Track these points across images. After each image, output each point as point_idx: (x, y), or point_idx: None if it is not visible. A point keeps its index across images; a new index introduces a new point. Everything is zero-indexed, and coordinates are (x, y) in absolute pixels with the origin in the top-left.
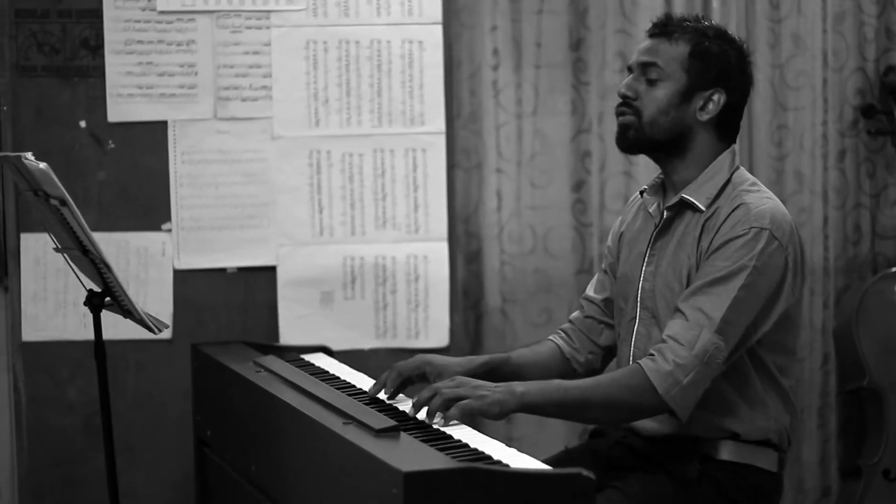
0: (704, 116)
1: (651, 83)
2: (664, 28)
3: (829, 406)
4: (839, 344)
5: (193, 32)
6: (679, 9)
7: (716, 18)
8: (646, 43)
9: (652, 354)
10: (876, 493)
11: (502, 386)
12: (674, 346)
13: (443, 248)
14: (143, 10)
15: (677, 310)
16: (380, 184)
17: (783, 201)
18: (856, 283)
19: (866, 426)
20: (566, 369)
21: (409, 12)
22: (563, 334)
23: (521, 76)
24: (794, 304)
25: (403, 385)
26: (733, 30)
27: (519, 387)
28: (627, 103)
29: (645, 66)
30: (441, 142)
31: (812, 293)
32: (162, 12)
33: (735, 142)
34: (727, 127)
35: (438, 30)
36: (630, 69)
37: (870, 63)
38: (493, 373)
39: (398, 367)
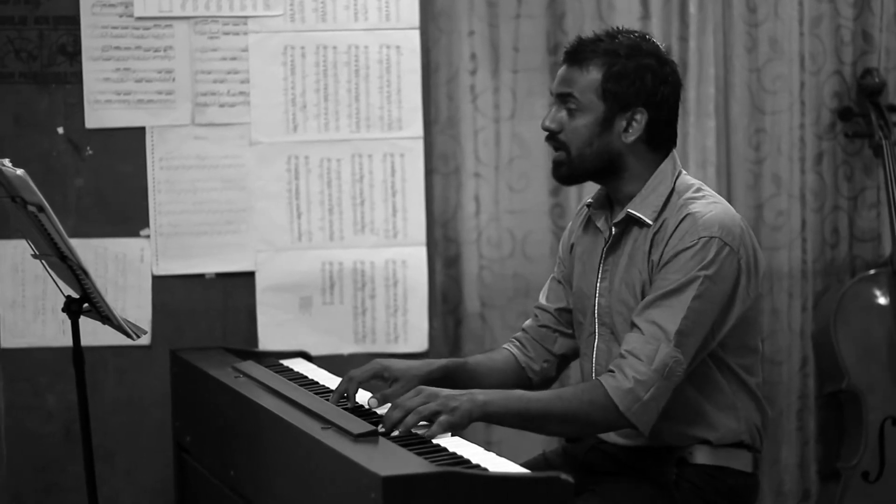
0: (630, 138)
1: (570, 113)
2: (575, 55)
3: (807, 409)
4: (818, 347)
5: (171, 38)
6: (655, 12)
7: (693, 23)
8: (561, 71)
9: (612, 370)
10: (855, 495)
11: (466, 394)
12: (633, 362)
13: (421, 253)
14: (121, 16)
15: (633, 324)
16: (358, 189)
17: (761, 205)
18: (834, 285)
19: (845, 429)
20: (521, 378)
21: (387, 17)
22: (518, 343)
23: (498, 80)
24: (752, 305)
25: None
26: (710, 34)
27: (480, 395)
28: (553, 137)
29: (562, 97)
30: (419, 146)
31: (790, 296)
32: (139, 18)
33: (675, 146)
34: (659, 139)
35: (416, 35)
36: (553, 95)
37: (847, 66)
38: (450, 377)
39: (355, 377)
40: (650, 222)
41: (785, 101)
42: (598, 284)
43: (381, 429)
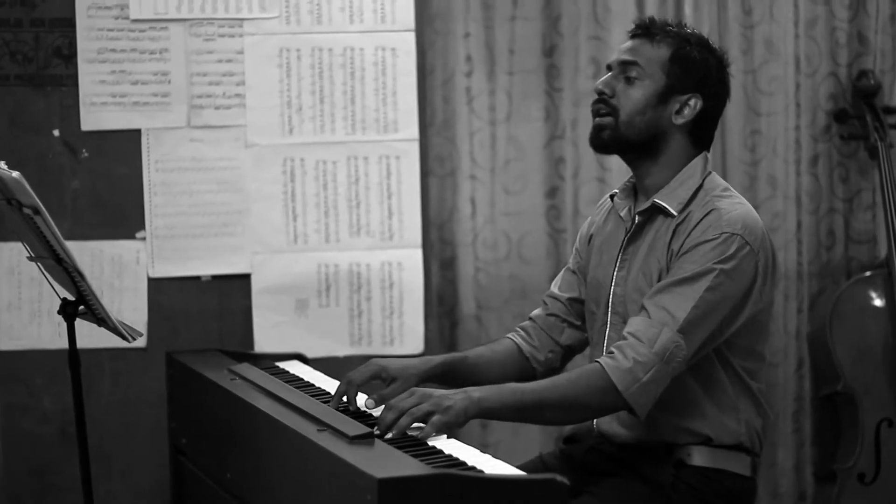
0: (680, 120)
1: (629, 82)
2: (647, 30)
3: (803, 411)
4: (813, 349)
5: (166, 41)
6: (651, 13)
7: (688, 24)
8: (628, 43)
9: (612, 352)
10: (851, 497)
11: (460, 393)
12: (634, 343)
13: (417, 255)
14: (116, 18)
15: (642, 307)
16: (354, 191)
17: (756, 206)
18: (829, 287)
19: (841, 430)
20: (525, 368)
21: (382, 19)
22: (523, 332)
23: (494, 83)
24: (763, 310)
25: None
26: (706, 35)
27: (475, 392)
28: (604, 100)
29: (625, 65)
30: (415, 149)
31: (786, 298)
32: (135, 21)
33: (708, 149)
34: (701, 133)
35: (411, 37)
36: (609, 67)
37: (842, 68)
38: (450, 372)
39: (353, 380)
40: (675, 213)
41: (780, 103)
42: (614, 274)
43: (376, 431)
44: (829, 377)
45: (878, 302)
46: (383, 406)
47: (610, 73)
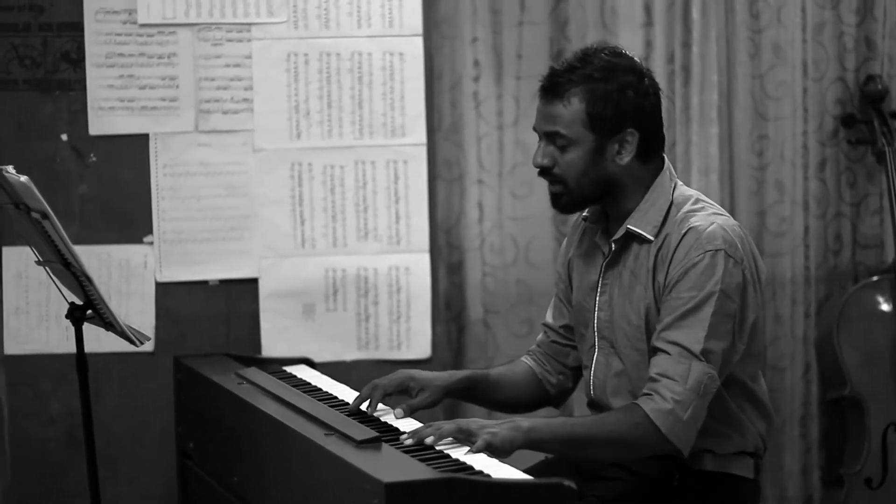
0: (625, 159)
1: (562, 150)
2: (553, 89)
3: (810, 415)
4: (820, 353)
5: (174, 45)
6: (658, 19)
7: (696, 29)
8: (541, 108)
9: (648, 393)
10: (858, 501)
11: (507, 423)
12: (668, 384)
13: (424, 260)
14: (124, 23)
15: (655, 348)
16: (361, 195)
17: (763, 211)
18: (837, 292)
19: (848, 435)
20: (540, 390)
21: (390, 24)
22: (534, 356)
23: (501, 87)
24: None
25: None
26: (713, 40)
27: (524, 422)
28: (548, 171)
29: (549, 135)
30: (422, 153)
31: (793, 303)
32: (143, 25)
33: (664, 151)
34: (650, 152)
35: (419, 41)
36: (536, 131)
37: (850, 73)
38: (473, 387)
39: (381, 385)
40: (651, 238)
41: (788, 108)
42: (597, 298)
43: (406, 439)
44: (836, 382)
45: (885, 306)
46: (411, 418)
47: (542, 142)
